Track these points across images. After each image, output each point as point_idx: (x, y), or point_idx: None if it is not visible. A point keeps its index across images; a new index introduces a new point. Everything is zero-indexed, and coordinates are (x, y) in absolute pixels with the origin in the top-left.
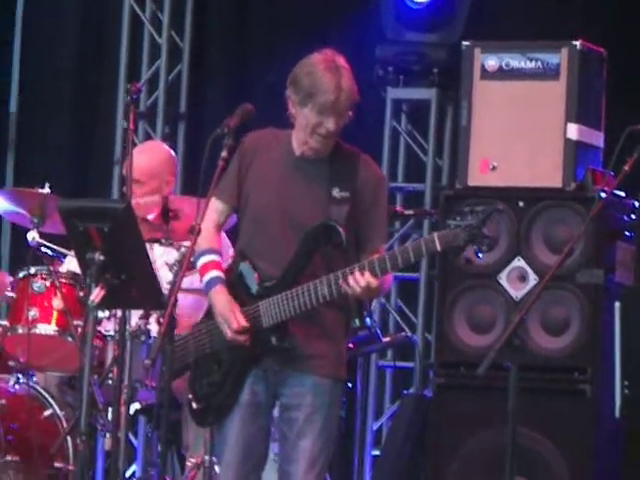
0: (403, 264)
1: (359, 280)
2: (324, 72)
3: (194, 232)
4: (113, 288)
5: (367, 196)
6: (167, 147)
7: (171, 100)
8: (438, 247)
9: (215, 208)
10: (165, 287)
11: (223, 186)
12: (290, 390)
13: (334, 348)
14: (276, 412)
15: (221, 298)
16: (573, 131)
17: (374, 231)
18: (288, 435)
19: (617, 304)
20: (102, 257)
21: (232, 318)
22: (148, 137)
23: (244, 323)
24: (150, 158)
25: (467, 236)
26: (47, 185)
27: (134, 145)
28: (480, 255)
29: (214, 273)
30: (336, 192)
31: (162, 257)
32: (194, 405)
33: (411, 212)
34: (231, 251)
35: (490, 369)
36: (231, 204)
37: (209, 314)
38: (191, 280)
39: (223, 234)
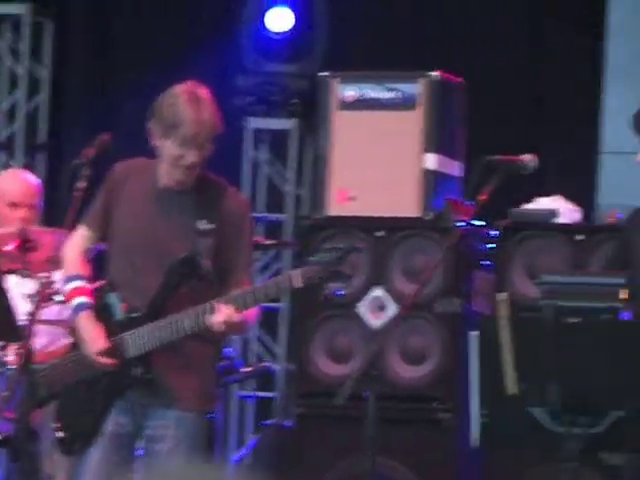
0: (265, 299)
1: (222, 315)
2: (185, 104)
3: (53, 263)
4: None
5: (232, 228)
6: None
7: (30, 131)
8: (300, 283)
9: (82, 235)
10: (22, 318)
11: (90, 213)
12: (154, 422)
13: (199, 381)
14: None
15: (86, 323)
16: (431, 161)
17: (239, 264)
18: (151, 467)
19: (473, 333)
20: None
21: (94, 340)
22: (7, 168)
23: (106, 345)
24: (23, 183)
25: (326, 273)
26: None
27: None
28: (339, 293)
29: (81, 299)
30: (202, 224)
31: (19, 288)
32: (60, 434)
33: (271, 242)
34: None
35: (349, 399)
36: (97, 232)
37: (75, 344)
38: (48, 311)
39: None
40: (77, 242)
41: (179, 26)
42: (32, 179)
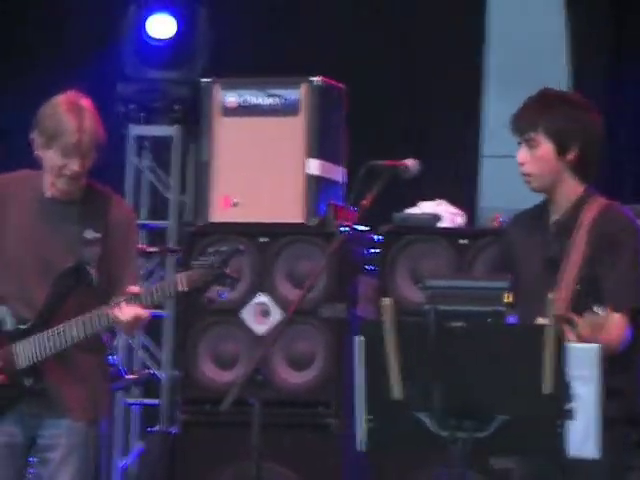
0: (151, 304)
1: (131, 311)
2: (66, 113)
3: None
4: None
5: (118, 236)
6: None
7: None
8: (184, 287)
9: None
10: None
11: None
12: (46, 432)
13: (89, 390)
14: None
15: None
16: (313, 166)
17: (126, 272)
18: (43, 475)
19: (358, 338)
20: None
21: None
22: None
23: None
24: None
25: (210, 277)
26: None
27: None
28: (223, 295)
29: None
30: (88, 233)
31: None
32: None
33: (155, 249)
34: None
35: (235, 405)
36: None
37: None
38: None
39: None
40: None
41: (59, 34)
42: None
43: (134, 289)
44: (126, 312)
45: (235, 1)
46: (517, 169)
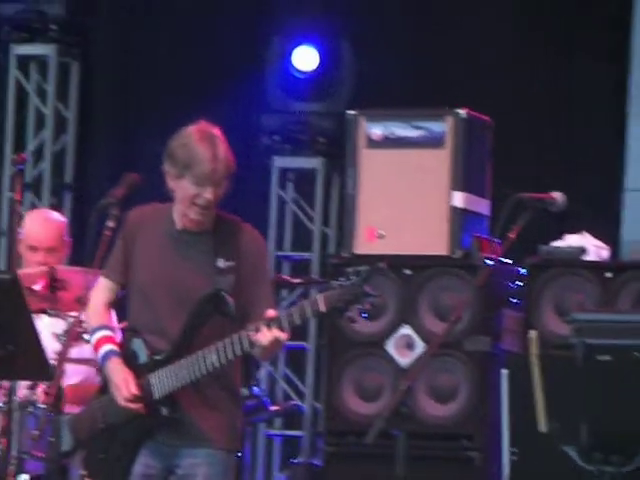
0: (290, 326)
1: (270, 334)
2: (199, 143)
3: (82, 302)
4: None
5: (250, 264)
6: (59, 216)
7: (57, 170)
8: (322, 307)
9: (104, 286)
10: (52, 357)
11: (110, 264)
12: (184, 461)
13: (226, 420)
14: None
15: (115, 368)
16: (458, 199)
17: (260, 298)
18: None
19: (504, 371)
20: None
21: (123, 386)
22: (34, 208)
23: (135, 391)
24: (44, 225)
25: (350, 295)
26: None
27: (20, 216)
28: (364, 315)
29: (108, 347)
30: (221, 262)
31: (49, 327)
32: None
33: (298, 280)
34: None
35: (378, 437)
36: (118, 281)
37: (102, 389)
38: (79, 350)
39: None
40: (100, 294)
41: (204, 66)
42: (55, 219)
43: (272, 313)
44: (267, 336)
45: (378, 34)
46: None
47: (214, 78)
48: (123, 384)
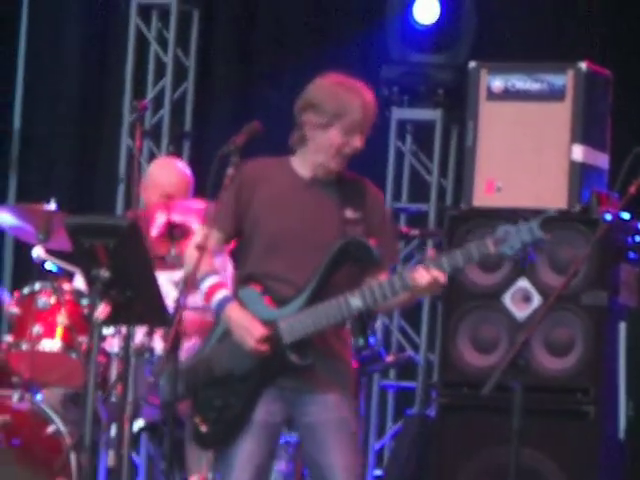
0: (451, 268)
1: (425, 276)
2: (348, 92)
3: (199, 249)
4: (118, 304)
5: (376, 217)
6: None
7: (176, 118)
8: (491, 249)
9: (208, 236)
10: (170, 304)
11: (220, 214)
12: (310, 408)
13: (348, 366)
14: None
15: (237, 313)
16: (578, 153)
17: (385, 251)
18: (311, 453)
19: (622, 325)
20: (107, 274)
21: (252, 328)
22: (152, 155)
23: (264, 332)
24: (179, 174)
25: (520, 239)
26: (53, 201)
27: (139, 163)
28: (530, 259)
29: (223, 292)
30: (349, 213)
31: (168, 275)
32: (202, 429)
33: (416, 232)
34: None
35: (494, 390)
36: (228, 232)
37: (210, 337)
38: (195, 299)
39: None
40: (204, 242)
41: (323, 16)
42: (187, 170)
43: (432, 253)
44: (425, 276)
45: None
46: None
47: (334, 29)
48: (251, 327)
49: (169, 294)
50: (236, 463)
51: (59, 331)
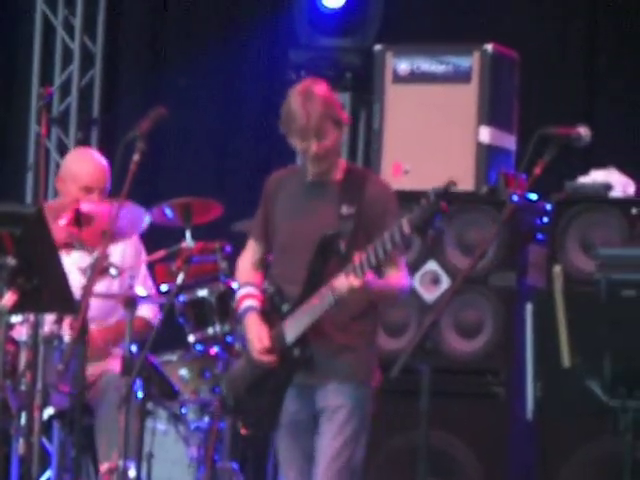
0: (383, 255)
1: (343, 283)
2: (294, 99)
3: (107, 236)
4: (25, 292)
5: (373, 210)
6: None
7: (84, 105)
8: (407, 230)
9: (251, 247)
10: (78, 292)
11: (255, 226)
12: (322, 400)
13: (356, 355)
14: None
15: (250, 324)
16: (485, 134)
17: None
18: (320, 440)
19: (529, 306)
20: (14, 261)
21: (255, 340)
22: (61, 142)
23: (266, 344)
24: (97, 166)
25: (429, 214)
26: None
27: (47, 150)
28: (438, 227)
29: (248, 302)
30: (344, 209)
31: (76, 262)
32: (243, 432)
33: None
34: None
35: (403, 372)
36: (263, 242)
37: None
38: (104, 285)
39: (137, 240)
40: (248, 253)
41: (231, 0)
42: (103, 161)
43: (355, 258)
44: (343, 283)
45: None
46: None
47: (242, 13)
48: (256, 339)
49: (77, 281)
50: (282, 462)
51: None
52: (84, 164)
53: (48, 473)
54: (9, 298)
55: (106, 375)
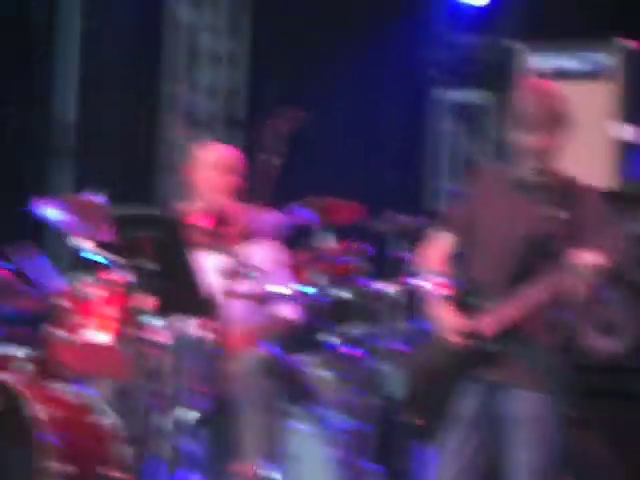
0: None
1: (589, 257)
2: (525, 92)
3: (245, 237)
4: (164, 296)
5: (591, 218)
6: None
7: (229, 107)
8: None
9: (445, 238)
10: (219, 294)
11: (455, 218)
12: (507, 404)
13: (553, 359)
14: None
15: (442, 310)
16: (626, 132)
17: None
18: (504, 448)
19: None
20: (153, 265)
21: (451, 321)
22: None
23: (462, 323)
24: (234, 152)
25: None
26: (101, 193)
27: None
28: None
29: (441, 291)
30: (558, 212)
31: (216, 264)
32: (419, 422)
33: None
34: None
35: None
36: (460, 236)
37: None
38: (245, 287)
39: (278, 242)
40: (440, 244)
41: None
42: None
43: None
44: (585, 255)
45: None
46: None
47: (381, 12)
48: (451, 320)
49: (217, 282)
50: (443, 459)
51: (109, 324)
52: (222, 149)
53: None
54: (149, 302)
55: (249, 375)
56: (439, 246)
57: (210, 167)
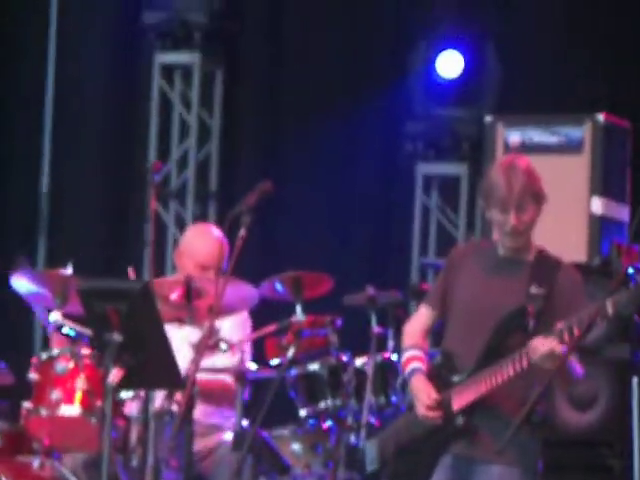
0: (585, 331)
1: (546, 344)
2: (497, 171)
3: (213, 311)
4: (131, 368)
5: (565, 299)
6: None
7: (201, 179)
8: (610, 311)
9: (424, 313)
10: (187, 367)
11: (432, 294)
12: (476, 478)
13: (527, 435)
14: None
15: (418, 383)
16: (597, 205)
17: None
18: None
19: (635, 379)
20: (120, 337)
21: (424, 395)
22: (179, 216)
23: (435, 397)
24: (215, 244)
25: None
26: (69, 266)
27: (164, 225)
28: None
29: (414, 364)
30: (534, 289)
31: (187, 337)
32: None
33: None
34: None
35: None
36: (438, 310)
37: (410, 407)
38: (213, 360)
39: (245, 314)
40: (419, 319)
41: (347, 72)
42: (222, 238)
43: (559, 324)
44: (543, 344)
45: (522, 36)
46: None
47: (358, 84)
48: (424, 394)
49: (187, 356)
50: None
51: (78, 396)
52: (202, 241)
53: None
54: (115, 374)
55: (220, 449)
56: (420, 320)
57: (196, 265)
